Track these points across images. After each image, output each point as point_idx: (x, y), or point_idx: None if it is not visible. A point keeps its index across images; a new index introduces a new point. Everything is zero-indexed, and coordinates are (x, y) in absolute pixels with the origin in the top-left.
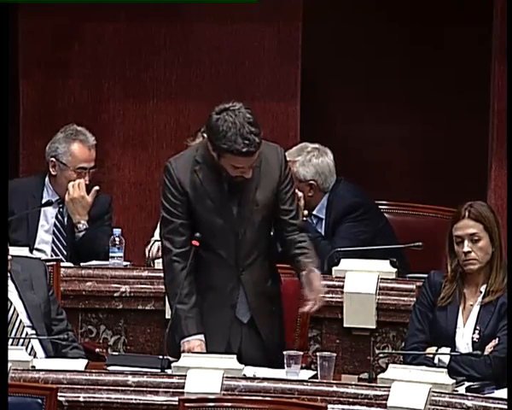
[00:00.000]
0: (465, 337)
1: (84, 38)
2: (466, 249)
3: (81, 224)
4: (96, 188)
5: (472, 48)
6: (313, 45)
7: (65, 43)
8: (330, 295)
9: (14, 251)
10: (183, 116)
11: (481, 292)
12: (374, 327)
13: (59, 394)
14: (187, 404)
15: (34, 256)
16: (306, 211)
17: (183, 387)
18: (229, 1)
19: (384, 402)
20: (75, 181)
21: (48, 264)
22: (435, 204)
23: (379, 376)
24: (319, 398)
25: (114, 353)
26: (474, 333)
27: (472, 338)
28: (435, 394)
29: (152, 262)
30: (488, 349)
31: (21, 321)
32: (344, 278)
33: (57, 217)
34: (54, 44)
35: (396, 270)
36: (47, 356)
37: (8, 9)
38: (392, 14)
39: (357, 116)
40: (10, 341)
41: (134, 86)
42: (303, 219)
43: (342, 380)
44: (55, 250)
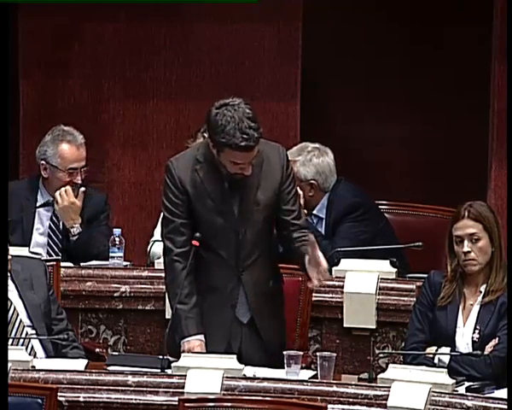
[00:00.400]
0: (465, 337)
1: (84, 38)
2: (466, 249)
3: (75, 228)
4: (83, 189)
5: (472, 48)
6: (313, 45)
7: (65, 43)
8: (330, 295)
9: (14, 251)
10: (183, 116)
11: (481, 292)
12: (374, 327)
13: (59, 394)
14: (187, 404)
15: (34, 256)
16: (306, 210)
17: (183, 387)
18: (229, 1)
19: (384, 402)
20: (60, 189)
21: (48, 264)
22: (435, 204)
23: (379, 376)
24: (319, 398)
25: (114, 353)
26: (474, 333)
27: (472, 338)
28: (435, 394)
29: (152, 263)
30: (488, 349)
31: (21, 321)
32: (344, 278)
33: (52, 219)
34: (54, 44)
35: (396, 270)
36: (47, 356)
37: (8, 9)
38: (392, 14)
39: (357, 116)
40: (10, 341)
41: (134, 86)
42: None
43: (342, 380)
44: (50, 252)
